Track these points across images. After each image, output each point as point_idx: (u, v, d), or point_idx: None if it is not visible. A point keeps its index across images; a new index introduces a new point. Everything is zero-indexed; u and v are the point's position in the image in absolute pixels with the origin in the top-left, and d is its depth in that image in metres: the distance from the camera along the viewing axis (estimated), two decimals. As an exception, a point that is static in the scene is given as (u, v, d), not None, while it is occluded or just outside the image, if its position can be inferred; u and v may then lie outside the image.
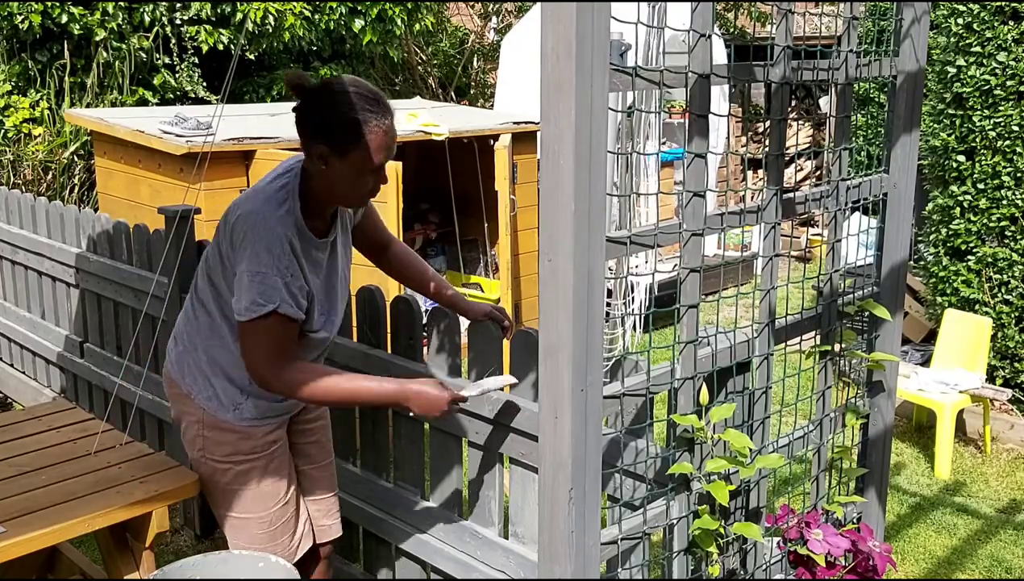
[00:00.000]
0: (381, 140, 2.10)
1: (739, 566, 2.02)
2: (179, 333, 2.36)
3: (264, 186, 2.17)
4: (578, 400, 1.48)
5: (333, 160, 2.10)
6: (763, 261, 1.99)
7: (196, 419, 2.30)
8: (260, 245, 2.07)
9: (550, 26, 1.38)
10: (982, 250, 4.81)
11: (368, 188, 2.18)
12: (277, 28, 7.01)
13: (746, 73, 1.85)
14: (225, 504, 2.35)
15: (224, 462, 2.31)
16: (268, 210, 2.11)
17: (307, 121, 2.12)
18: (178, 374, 2.33)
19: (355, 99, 2.07)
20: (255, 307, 2.06)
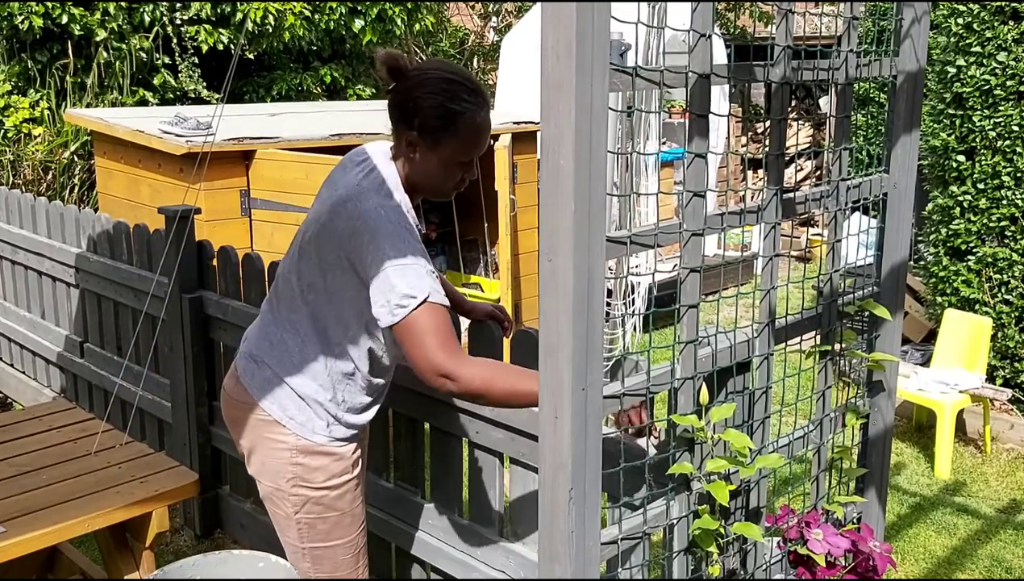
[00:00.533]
0: (474, 133, 2.02)
1: (739, 566, 2.02)
2: (255, 350, 2.18)
3: (366, 183, 2.03)
4: (578, 400, 1.48)
5: (422, 150, 2.02)
6: (763, 261, 1.99)
7: (287, 446, 2.11)
8: (390, 238, 1.94)
9: (550, 26, 1.38)
10: (982, 250, 4.82)
11: (456, 181, 2.09)
12: (277, 28, 7.01)
13: (746, 73, 1.85)
14: (311, 534, 2.18)
15: (320, 488, 2.14)
16: (384, 204, 1.99)
17: (399, 106, 2.02)
18: (259, 396, 2.14)
19: (450, 87, 1.98)
20: (405, 302, 1.91)
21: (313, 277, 2.07)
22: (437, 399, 2.53)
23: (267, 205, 4.58)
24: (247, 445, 2.19)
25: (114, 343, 3.95)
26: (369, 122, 5.41)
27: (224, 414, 2.27)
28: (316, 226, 2.06)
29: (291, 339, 2.12)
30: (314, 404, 2.11)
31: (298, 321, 2.11)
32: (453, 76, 2.01)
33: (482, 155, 2.14)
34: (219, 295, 3.32)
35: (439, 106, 1.97)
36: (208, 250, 3.40)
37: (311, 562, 2.20)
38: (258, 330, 2.22)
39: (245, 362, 2.20)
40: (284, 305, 2.14)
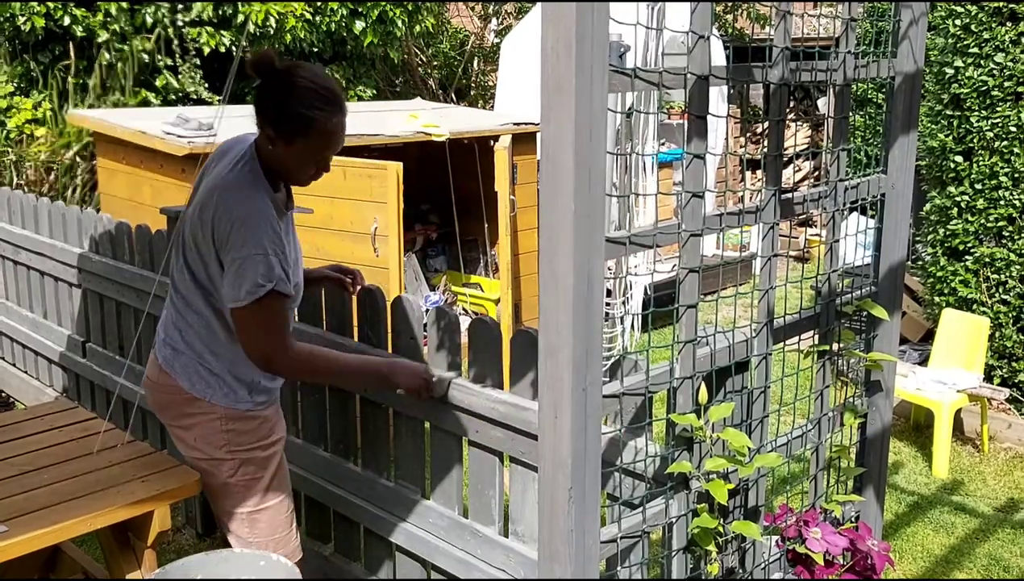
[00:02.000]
0: (326, 137, 2.19)
1: (738, 565, 2.03)
2: (170, 339, 2.36)
3: (234, 173, 2.22)
4: (578, 399, 1.49)
5: (279, 144, 2.19)
6: (761, 261, 2.00)
7: (216, 417, 2.32)
8: (251, 229, 2.13)
9: (550, 27, 1.39)
10: (980, 250, 4.83)
11: (310, 173, 2.27)
12: (278, 30, 7.02)
13: (745, 74, 1.86)
14: (249, 496, 2.36)
15: (252, 449, 2.34)
16: (249, 194, 2.18)
17: (261, 103, 2.19)
18: (184, 379, 2.33)
19: (308, 94, 2.15)
20: (256, 289, 2.11)
21: (197, 266, 2.25)
22: (437, 399, 2.54)
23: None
24: (178, 424, 2.37)
25: (116, 343, 3.96)
26: (370, 123, 5.42)
27: (150, 400, 2.45)
28: (192, 218, 2.24)
29: (195, 323, 2.30)
30: (229, 377, 2.31)
31: (197, 306, 2.29)
32: (313, 84, 2.17)
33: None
34: (220, 295, 3.33)
35: (295, 112, 2.15)
36: (209, 250, 3.41)
37: (249, 527, 2.38)
38: (169, 321, 2.38)
39: (164, 351, 2.36)
40: (181, 294, 2.32)
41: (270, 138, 2.19)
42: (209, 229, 2.17)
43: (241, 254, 2.12)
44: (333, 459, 2.97)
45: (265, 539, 2.39)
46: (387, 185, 4.57)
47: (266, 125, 2.19)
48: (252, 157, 2.24)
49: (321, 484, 2.99)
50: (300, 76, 2.17)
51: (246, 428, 2.34)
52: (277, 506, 2.41)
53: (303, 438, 3.08)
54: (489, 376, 2.45)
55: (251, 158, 2.24)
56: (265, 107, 2.18)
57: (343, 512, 2.95)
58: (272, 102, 2.17)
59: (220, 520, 2.43)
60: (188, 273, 2.28)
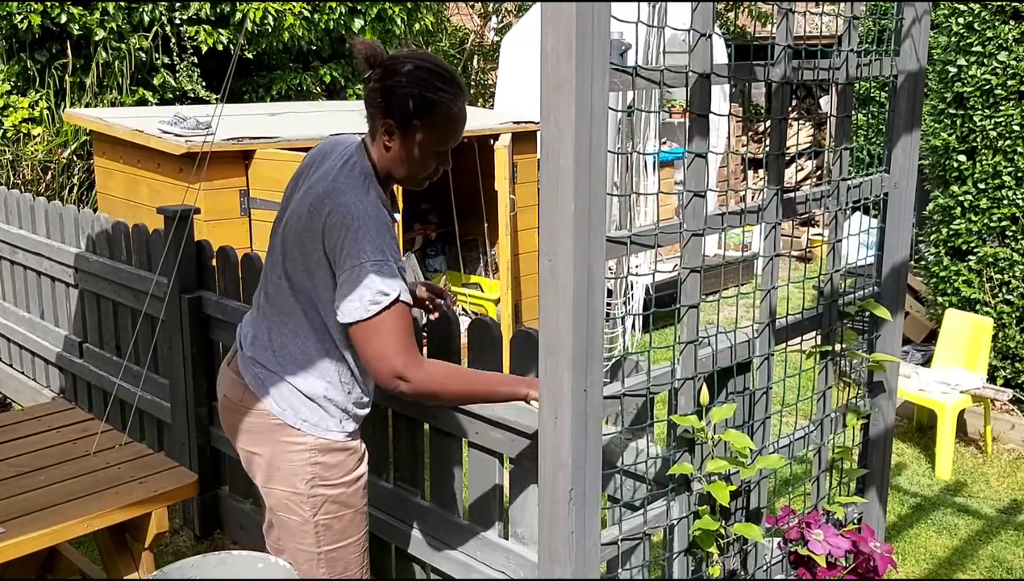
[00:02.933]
0: (450, 122, 2.02)
1: (739, 567, 2.02)
2: (260, 357, 2.15)
3: (344, 176, 2.03)
4: (578, 400, 1.47)
5: (398, 138, 2.02)
6: (763, 261, 1.98)
7: (306, 447, 2.10)
8: (368, 234, 1.95)
9: (550, 26, 1.38)
10: (983, 250, 4.81)
11: (431, 170, 2.09)
12: (276, 28, 7.00)
13: (747, 73, 1.84)
14: (328, 536, 2.16)
15: (338, 486, 2.13)
16: (363, 197, 1.99)
17: (376, 95, 2.02)
18: (274, 403, 2.11)
19: (427, 76, 1.99)
20: (379, 298, 1.93)
21: (300, 277, 2.07)
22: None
23: (266, 205, 4.57)
24: (260, 452, 2.15)
25: (113, 343, 3.94)
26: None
27: (226, 421, 2.23)
28: (297, 226, 2.07)
29: (291, 342, 2.12)
30: (324, 402, 2.11)
31: (294, 323, 2.11)
32: (430, 65, 2.01)
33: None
34: (218, 295, 3.32)
35: (416, 95, 1.97)
36: (207, 250, 3.40)
37: (327, 567, 2.17)
38: (256, 335, 2.19)
39: (250, 369, 2.16)
40: (277, 308, 2.13)
41: (388, 131, 2.01)
42: (320, 235, 1.99)
43: (360, 261, 1.93)
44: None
45: (338, 576, 2.19)
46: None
47: (383, 117, 2.00)
48: (361, 157, 2.06)
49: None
50: (415, 59, 2.01)
51: (335, 461, 2.12)
52: (356, 543, 2.21)
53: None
54: (489, 377, 2.43)
55: (360, 159, 2.06)
56: (381, 97, 2.00)
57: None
58: (389, 90, 1.99)
59: (290, 556, 2.20)
60: (287, 284, 2.08)
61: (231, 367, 2.23)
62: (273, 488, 2.15)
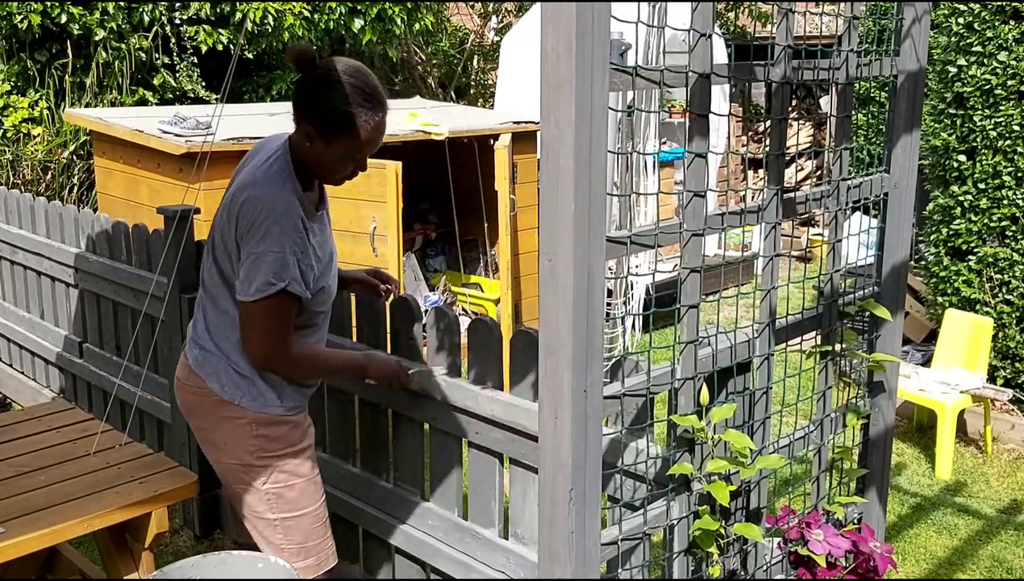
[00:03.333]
0: (367, 135, 2.16)
1: (739, 567, 2.02)
2: (199, 338, 2.30)
3: (263, 170, 2.19)
4: (578, 400, 1.47)
5: (318, 141, 2.15)
6: (764, 261, 1.98)
7: (246, 421, 2.24)
8: (273, 226, 2.10)
9: (550, 26, 1.38)
10: (983, 250, 4.81)
11: (347, 172, 2.24)
12: (276, 28, 7.00)
13: (747, 73, 1.84)
14: (280, 504, 2.28)
15: (283, 456, 2.27)
16: (275, 191, 2.14)
17: (301, 99, 2.16)
18: (214, 381, 2.26)
19: (350, 90, 2.11)
20: (267, 286, 2.09)
21: (224, 263, 2.22)
22: (437, 399, 2.52)
23: (267, 205, 4.57)
24: (208, 427, 2.31)
25: (113, 343, 3.94)
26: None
27: (179, 402, 2.38)
28: (219, 215, 2.23)
29: (223, 323, 2.26)
30: (259, 380, 2.25)
31: (224, 305, 2.25)
32: (354, 81, 2.12)
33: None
34: (218, 295, 3.31)
35: (336, 109, 2.11)
36: (207, 250, 3.40)
37: (283, 533, 2.30)
38: (196, 318, 2.34)
39: (194, 351, 2.31)
40: (210, 292, 2.28)
41: (308, 135, 2.15)
42: (234, 224, 2.15)
43: (258, 250, 2.10)
44: (332, 461, 2.96)
45: (298, 546, 2.30)
46: (386, 184, 4.55)
47: (305, 121, 2.15)
48: (284, 153, 2.20)
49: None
50: (344, 72, 2.12)
51: (276, 434, 2.26)
52: (311, 513, 2.33)
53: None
54: (489, 377, 2.44)
55: (283, 155, 2.20)
56: (305, 103, 2.15)
57: (342, 514, 2.93)
58: (313, 98, 2.14)
59: (250, 525, 2.34)
60: (216, 271, 2.24)
61: (183, 352, 2.39)
62: (223, 461, 2.30)
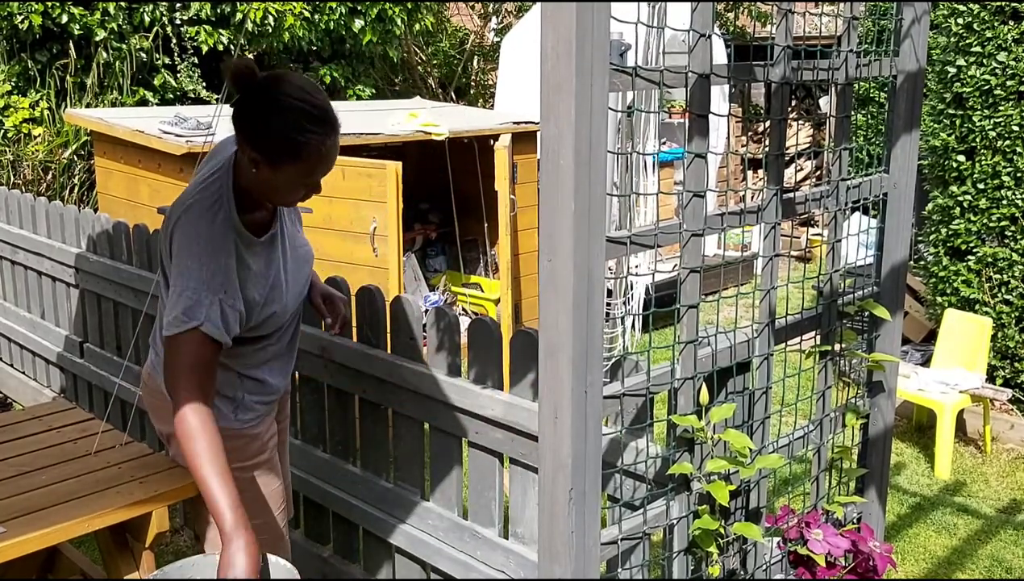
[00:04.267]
0: (317, 160, 1.97)
1: (739, 566, 2.02)
2: (154, 341, 2.24)
3: (198, 191, 2.04)
4: (578, 400, 1.48)
5: (263, 168, 1.97)
6: (763, 261, 1.99)
7: None
8: (194, 260, 1.96)
9: (550, 26, 1.38)
10: (982, 250, 4.81)
11: (299, 196, 2.06)
12: (277, 28, 7.01)
13: (746, 73, 1.85)
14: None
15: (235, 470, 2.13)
16: (205, 222, 1.99)
17: (242, 121, 1.97)
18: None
19: (298, 115, 1.93)
20: (179, 322, 1.94)
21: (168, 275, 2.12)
22: (437, 399, 2.53)
23: (267, 205, 4.57)
24: (164, 430, 2.29)
25: (114, 343, 3.95)
26: (369, 122, 5.41)
27: (145, 401, 2.37)
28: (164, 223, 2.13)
29: None
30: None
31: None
32: (300, 104, 1.94)
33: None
34: (219, 295, 3.32)
35: (283, 136, 1.93)
36: (208, 250, 3.40)
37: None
38: (157, 325, 2.28)
39: (151, 355, 2.28)
40: (162, 301, 2.18)
41: (253, 161, 1.96)
42: (168, 243, 2.05)
43: (179, 283, 1.96)
44: (332, 460, 2.96)
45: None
46: (386, 184, 4.56)
47: (248, 146, 1.96)
48: (226, 174, 2.03)
49: (320, 485, 2.98)
50: (287, 93, 1.93)
51: (230, 447, 2.10)
52: (263, 526, 2.23)
53: (302, 439, 3.06)
54: (489, 377, 2.44)
55: (224, 174, 2.03)
56: (247, 126, 1.96)
57: (342, 513, 2.93)
58: (255, 121, 1.94)
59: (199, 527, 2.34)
60: (164, 280, 2.14)
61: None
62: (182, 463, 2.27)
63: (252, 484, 2.26)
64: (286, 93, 1.94)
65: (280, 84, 1.96)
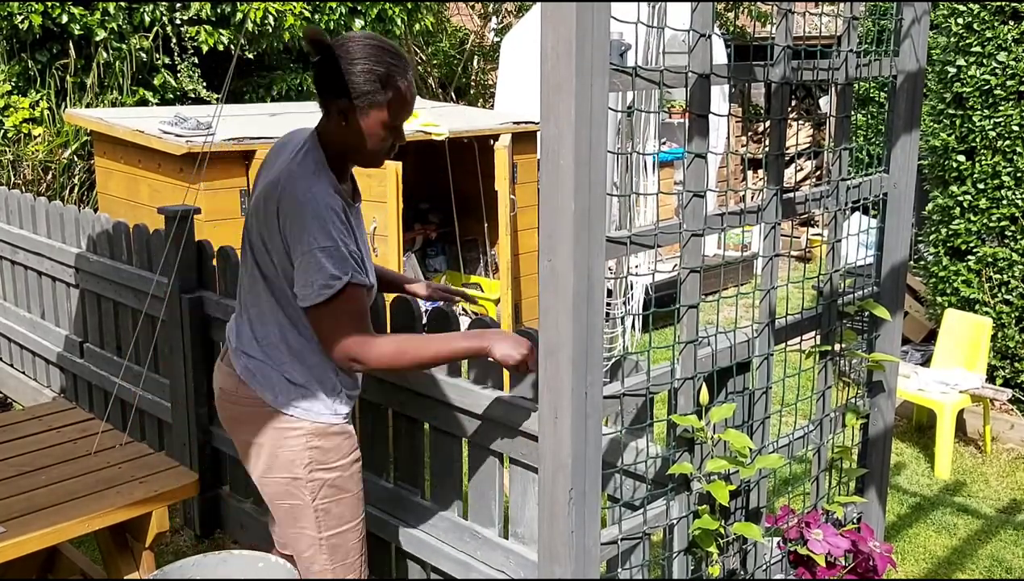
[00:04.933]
0: (402, 96, 2.06)
1: (739, 566, 2.02)
2: (246, 347, 2.19)
3: (294, 166, 2.09)
4: (578, 400, 1.48)
5: (353, 117, 2.06)
6: (763, 261, 1.99)
7: (302, 432, 2.14)
8: (318, 220, 1.99)
9: (550, 26, 1.38)
10: (982, 250, 4.81)
11: (387, 146, 2.13)
12: (277, 28, 7.00)
13: (746, 73, 1.85)
14: (328, 521, 2.19)
15: (335, 469, 2.17)
16: (313, 183, 2.05)
17: (327, 76, 2.05)
18: (267, 392, 2.15)
19: (376, 52, 2.03)
20: (332, 282, 1.97)
21: (267, 267, 2.12)
22: (437, 399, 2.53)
23: (267, 205, 4.57)
24: (259, 440, 2.18)
25: (114, 343, 3.95)
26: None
27: (223, 414, 2.27)
28: (255, 217, 2.13)
29: (272, 332, 2.16)
30: (314, 387, 2.16)
31: (271, 313, 2.16)
32: (375, 42, 2.05)
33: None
34: (219, 295, 3.32)
35: (368, 71, 2.02)
36: (208, 250, 3.40)
37: (328, 553, 2.21)
38: (240, 329, 2.24)
39: (241, 360, 2.20)
40: (254, 299, 2.18)
41: (342, 112, 2.05)
42: (275, 222, 2.05)
43: (310, 247, 1.98)
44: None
45: (340, 564, 2.22)
46: (386, 184, 4.56)
47: (336, 98, 2.05)
48: (314, 146, 2.11)
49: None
50: (361, 39, 2.05)
51: (331, 445, 2.16)
52: (354, 528, 2.24)
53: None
54: (489, 377, 2.44)
55: (313, 147, 2.11)
56: (333, 79, 2.04)
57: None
58: (339, 71, 2.02)
59: (291, 545, 2.24)
60: (260, 275, 2.13)
61: (224, 361, 2.28)
62: (272, 476, 2.18)
63: (356, 480, 2.24)
64: (359, 39, 2.05)
65: (350, 37, 2.07)
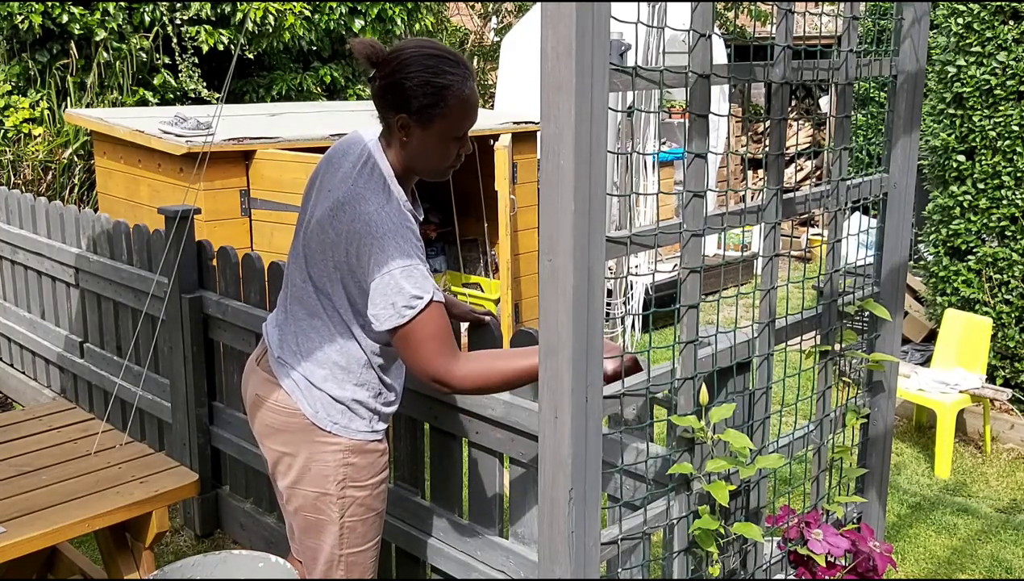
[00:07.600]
0: (464, 105, 1.99)
1: (739, 566, 2.02)
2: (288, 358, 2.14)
3: (361, 183, 2.02)
4: (578, 400, 1.48)
5: (415, 130, 2.00)
6: (763, 261, 1.99)
7: (339, 448, 2.10)
8: (395, 240, 1.94)
9: (550, 26, 1.38)
10: (982, 250, 4.82)
11: (452, 158, 2.06)
12: (277, 28, 7.01)
13: (746, 73, 1.84)
14: (351, 539, 2.16)
15: (365, 487, 2.14)
16: (385, 202, 1.99)
17: (386, 91, 1.99)
18: (306, 404, 2.11)
19: (434, 62, 1.96)
20: (413, 303, 1.92)
21: (324, 283, 2.06)
22: (437, 399, 2.53)
23: (267, 205, 4.58)
24: (293, 452, 2.13)
25: (114, 343, 3.95)
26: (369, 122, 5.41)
27: (257, 420, 2.20)
28: (319, 231, 2.06)
29: (319, 346, 2.11)
30: (354, 405, 2.12)
31: (321, 327, 2.10)
32: (434, 51, 1.99)
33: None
34: (219, 295, 3.32)
35: (426, 84, 1.96)
36: (208, 250, 3.40)
37: (345, 570, 2.18)
38: (284, 338, 2.18)
39: (282, 370, 2.15)
40: (304, 312, 2.13)
41: (404, 127, 1.99)
42: (342, 242, 1.98)
43: (389, 269, 1.92)
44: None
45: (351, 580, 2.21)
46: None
47: (397, 112, 1.98)
48: (380, 159, 2.04)
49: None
50: (418, 48, 1.98)
51: (366, 462, 2.13)
52: (373, 547, 2.22)
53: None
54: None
55: (378, 161, 2.04)
56: (389, 93, 1.98)
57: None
58: (399, 84, 1.96)
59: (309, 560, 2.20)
60: (313, 289, 2.08)
61: (261, 366, 2.22)
62: (302, 488, 2.14)
63: (383, 499, 2.21)
64: (416, 49, 1.98)
65: (407, 46, 2.00)
